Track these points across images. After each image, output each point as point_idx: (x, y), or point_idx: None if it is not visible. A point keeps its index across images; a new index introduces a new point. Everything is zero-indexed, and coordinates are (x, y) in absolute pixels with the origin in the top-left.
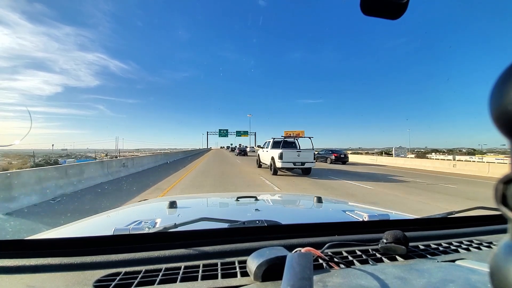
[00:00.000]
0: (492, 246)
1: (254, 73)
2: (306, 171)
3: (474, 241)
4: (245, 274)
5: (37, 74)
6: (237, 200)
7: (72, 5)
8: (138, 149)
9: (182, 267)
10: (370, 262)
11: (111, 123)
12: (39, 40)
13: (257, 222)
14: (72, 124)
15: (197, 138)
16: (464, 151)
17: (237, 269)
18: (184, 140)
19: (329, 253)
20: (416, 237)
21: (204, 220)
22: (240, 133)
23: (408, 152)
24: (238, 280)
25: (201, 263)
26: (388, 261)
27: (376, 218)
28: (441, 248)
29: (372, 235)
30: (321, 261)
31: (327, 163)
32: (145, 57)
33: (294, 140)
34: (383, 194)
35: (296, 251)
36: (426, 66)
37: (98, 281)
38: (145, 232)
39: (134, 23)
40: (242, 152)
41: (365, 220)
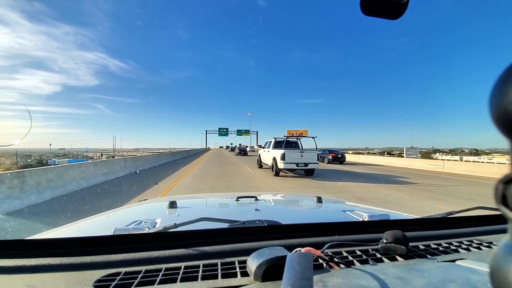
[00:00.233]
0: (492, 246)
1: (254, 73)
2: (309, 172)
3: (474, 241)
4: (245, 274)
5: (36, 73)
6: (237, 200)
7: (71, 4)
8: (137, 149)
9: (182, 267)
10: (370, 262)
11: (110, 122)
12: (39, 39)
13: (257, 222)
14: (72, 124)
15: (196, 138)
16: (467, 151)
17: (237, 269)
18: (184, 140)
19: (329, 253)
20: (416, 237)
21: (204, 220)
22: (241, 132)
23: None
24: (238, 280)
25: (201, 263)
26: (388, 261)
27: (376, 218)
28: (441, 248)
29: (372, 235)
30: (321, 261)
31: (325, 163)
32: (145, 57)
33: (297, 140)
34: (398, 199)
35: (296, 251)
36: (426, 66)
37: (98, 281)
38: (145, 232)
39: (134, 23)
40: (242, 152)
41: (365, 220)
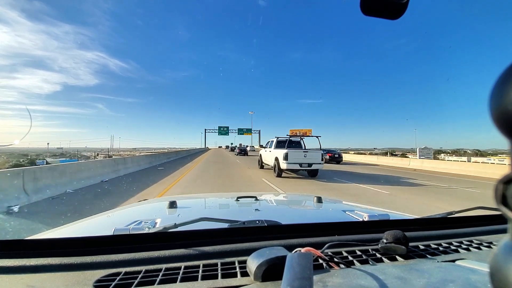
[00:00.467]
0: (492, 246)
1: (254, 73)
2: (313, 173)
3: (474, 241)
4: (245, 274)
5: (36, 72)
6: (237, 200)
7: (71, 3)
8: (135, 148)
9: (182, 267)
10: (370, 262)
11: (110, 122)
12: (38, 38)
13: (257, 222)
14: (71, 123)
15: (196, 137)
16: (469, 152)
17: (237, 269)
18: (184, 140)
19: (329, 253)
20: (416, 237)
21: (204, 220)
22: (243, 131)
23: (415, 152)
24: (238, 280)
25: (201, 263)
26: (388, 261)
27: (376, 218)
28: (441, 248)
29: (372, 235)
30: (321, 261)
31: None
32: (145, 56)
33: (300, 139)
34: (435, 208)
35: (296, 251)
36: (426, 66)
37: (98, 281)
38: (145, 232)
39: (134, 22)
40: (243, 151)
41: (365, 220)
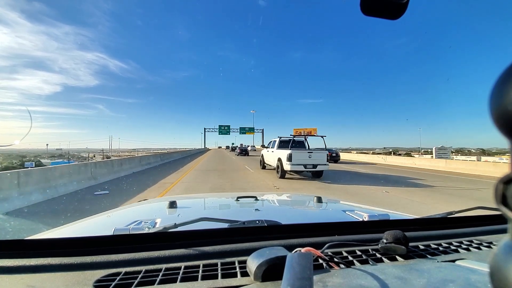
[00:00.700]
0: (492, 246)
1: (254, 73)
2: (317, 174)
3: (474, 241)
4: (245, 274)
5: (36, 73)
6: (237, 200)
7: (71, 4)
8: (135, 149)
9: (182, 267)
10: (370, 262)
11: (110, 122)
12: (38, 39)
13: (257, 222)
14: (72, 124)
15: (196, 137)
16: (473, 151)
17: (237, 269)
18: (184, 140)
19: (329, 253)
20: (416, 237)
21: (204, 220)
22: (245, 130)
23: (420, 152)
24: (238, 280)
25: (201, 263)
26: (388, 261)
27: (376, 218)
28: (441, 248)
29: (372, 235)
30: (321, 261)
31: None
32: (145, 57)
33: (303, 139)
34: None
35: (296, 251)
36: (426, 66)
37: (98, 281)
38: (145, 232)
39: (134, 22)
40: (243, 152)
41: (365, 220)
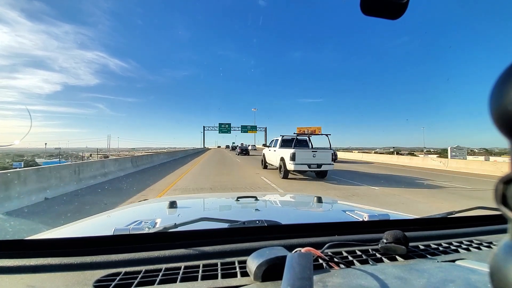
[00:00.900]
0: (492, 246)
1: (254, 73)
2: (322, 174)
3: (474, 241)
4: (245, 274)
5: (36, 72)
6: (237, 200)
7: (71, 3)
8: (134, 148)
9: (182, 267)
10: (370, 262)
11: (110, 122)
12: (39, 38)
13: (257, 222)
14: (72, 123)
15: (197, 137)
16: (476, 150)
17: (237, 269)
18: (184, 139)
19: (329, 253)
20: (416, 237)
21: (204, 220)
22: (247, 129)
23: (423, 152)
24: (238, 280)
25: (201, 263)
26: (388, 261)
27: (376, 218)
28: (441, 248)
29: (372, 235)
30: (321, 261)
31: None
32: (145, 56)
33: (307, 138)
34: None
35: (296, 251)
36: (426, 66)
37: (98, 281)
38: (145, 232)
39: (134, 22)
40: (244, 151)
41: (365, 220)
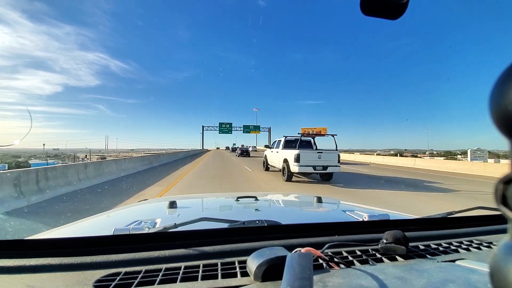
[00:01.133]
0: (492, 246)
1: (254, 73)
2: (327, 177)
3: (474, 241)
4: (245, 274)
5: (37, 73)
6: (237, 200)
7: (72, 3)
8: (133, 149)
9: (182, 267)
10: (370, 262)
11: (111, 122)
12: (40, 39)
13: (257, 222)
14: (72, 124)
15: (197, 138)
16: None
17: (237, 269)
18: (184, 140)
19: (329, 253)
20: (416, 237)
21: (204, 220)
22: (249, 129)
23: (425, 154)
24: (238, 280)
25: (201, 263)
26: (388, 261)
27: (376, 218)
28: (441, 248)
29: (372, 235)
30: (321, 261)
31: None
32: (146, 57)
33: (310, 139)
34: None
35: (296, 251)
36: (426, 66)
37: (98, 281)
38: (145, 232)
39: (135, 23)
40: (245, 152)
41: (365, 220)
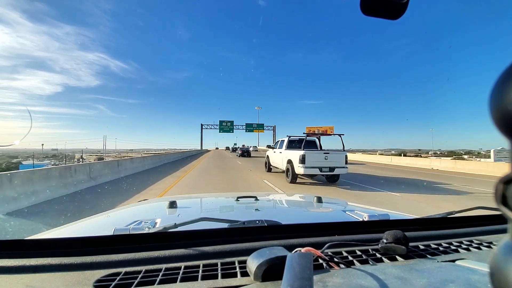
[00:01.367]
0: (492, 246)
1: (254, 74)
2: (333, 179)
3: (474, 241)
4: (245, 274)
5: (37, 73)
6: (237, 200)
7: (72, 3)
8: (132, 150)
9: (182, 267)
10: (370, 262)
11: (111, 123)
12: (40, 39)
13: (257, 222)
14: (72, 124)
15: (197, 138)
16: (483, 152)
17: (237, 269)
18: (184, 140)
19: (329, 253)
20: (416, 237)
21: (204, 220)
22: (252, 127)
23: (428, 154)
24: (238, 280)
25: (201, 263)
26: (388, 261)
27: (376, 218)
28: (441, 248)
29: (372, 235)
30: (321, 261)
31: None
32: (146, 57)
33: (315, 139)
34: None
35: (296, 251)
36: (427, 66)
37: (98, 281)
38: (145, 232)
39: (135, 23)
40: (245, 152)
41: (365, 220)
